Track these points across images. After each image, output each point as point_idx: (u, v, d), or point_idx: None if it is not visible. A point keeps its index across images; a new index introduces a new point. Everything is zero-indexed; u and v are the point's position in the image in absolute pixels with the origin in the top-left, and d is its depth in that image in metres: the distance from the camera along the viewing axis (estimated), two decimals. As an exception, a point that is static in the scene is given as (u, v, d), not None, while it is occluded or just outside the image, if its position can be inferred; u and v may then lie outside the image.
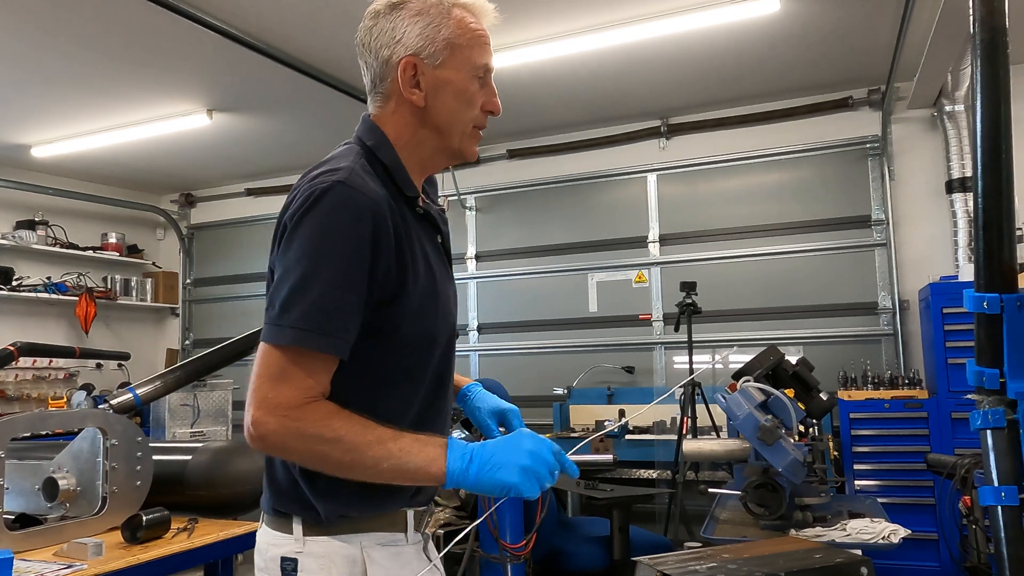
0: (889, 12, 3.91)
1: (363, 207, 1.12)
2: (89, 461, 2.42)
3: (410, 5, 1.24)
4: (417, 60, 1.22)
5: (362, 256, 1.11)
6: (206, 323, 7.22)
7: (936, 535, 4.03)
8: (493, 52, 1.33)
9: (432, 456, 1.09)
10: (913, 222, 4.89)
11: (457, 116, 1.26)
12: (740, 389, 2.97)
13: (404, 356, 1.22)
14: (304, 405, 1.09)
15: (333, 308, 1.10)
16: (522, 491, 1.08)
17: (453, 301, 1.34)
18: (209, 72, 4.53)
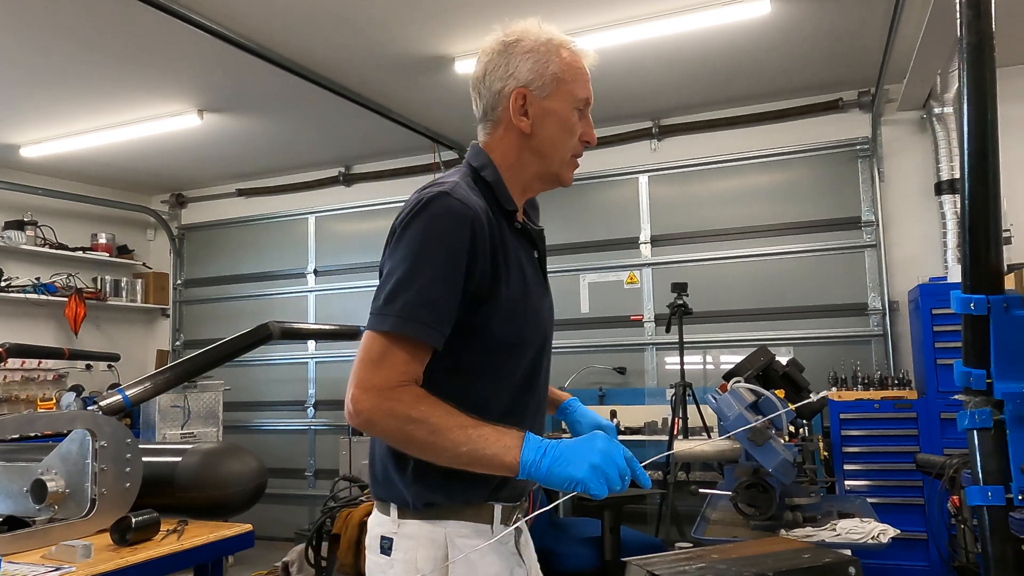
0: (879, 15, 3.93)
1: (463, 215, 1.26)
2: (78, 463, 2.41)
3: (522, 44, 1.40)
4: (527, 91, 1.38)
5: (459, 258, 1.24)
6: (197, 324, 7.19)
7: (925, 535, 4.05)
8: None
9: (508, 445, 1.18)
10: (903, 223, 4.92)
11: (559, 143, 1.41)
12: (731, 390, 2.98)
13: (495, 356, 1.33)
14: (397, 387, 1.21)
15: (430, 301, 1.23)
16: (589, 487, 1.14)
17: (548, 313, 1.46)
18: (199, 72, 4.51)
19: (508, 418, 1.30)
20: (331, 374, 6.52)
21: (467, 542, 1.32)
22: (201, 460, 2.75)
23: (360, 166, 6.56)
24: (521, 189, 1.44)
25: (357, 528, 3.25)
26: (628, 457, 1.18)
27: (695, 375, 5.23)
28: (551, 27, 1.44)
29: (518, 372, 1.37)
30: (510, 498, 1.38)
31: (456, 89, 4.81)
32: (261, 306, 6.83)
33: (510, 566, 1.37)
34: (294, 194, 6.80)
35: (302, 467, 6.51)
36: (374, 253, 6.41)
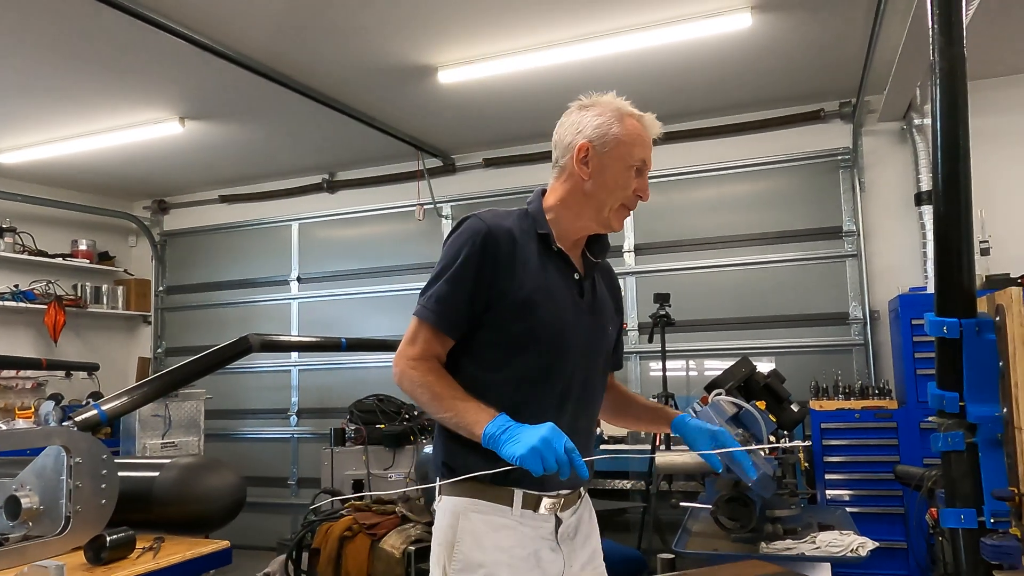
0: (859, 27, 3.97)
1: (478, 230, 1.58)
2: (52, 479, 2.38)
3: (595, 108, 1.66)
4: (590, 145, 1.63)
5: (470, 264, 1.56)
6: (179, 331, 7.13)
7: (905, 544, 4.08)
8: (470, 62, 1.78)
9: (481, 419, 1.47)
10: (883, 233, 4.96)
11: (610, 192, 1.64)
12: (712, 402, 2.98)
13: (508, 350, 1.58)
14: (419, 359, 1.57)
15: (442, 297, 1.57)
16: (526, 463, 1.36)
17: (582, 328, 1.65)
18: (180, 80, 4.48)
19: (524, 410, 1.52)
20: (314, 382, 6.49)
21: (479, 516, 1.55)
22: (179, 475, 2.72)
23: (344, 173, 6.54)
24: (576, 227, 1.69)
25: (337, 542, 3.23)
26: (569, 448, 1.39)
27: (678, 383, 5.24)
28: (625, 102, 1.68)
29: (532, 368, 1.58)
30: (533, 487, 1.56)
31: (440, 98, 4.81)
32: (244, 313, 6.78)
33: (534, 548, 1.57)
34: (277, 201, 6.76)
35: (285, 475, 6.46)
36: (358, 260, 6.40)
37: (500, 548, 1.55)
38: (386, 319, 6.16)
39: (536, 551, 1.58)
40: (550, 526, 1.60)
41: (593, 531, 1.75)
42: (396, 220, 6.33)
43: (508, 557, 1.55)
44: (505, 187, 5.79)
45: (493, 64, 4.25)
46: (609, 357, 1.79)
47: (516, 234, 1.61)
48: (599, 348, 1.72)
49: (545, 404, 1.59)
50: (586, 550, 1.70)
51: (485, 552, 1.54)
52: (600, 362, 1.73)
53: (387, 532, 3.31)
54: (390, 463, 4.76)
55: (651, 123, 1.68)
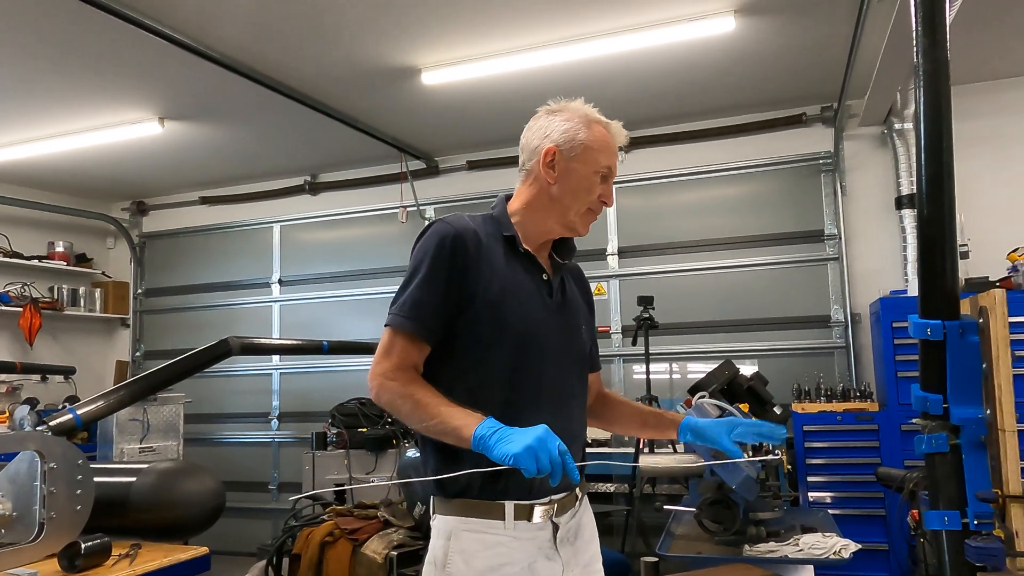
0: (841, 32, 3.99)
1: (446, 234, 1.57)
2: (26, 485, 2.33)
3: (562, 114, 1.68)
4: (557, 150, 1.65)
5: (440, 267, 1.55)
6: (158, 334, 7.04)
7: (886, 546, 4.10)
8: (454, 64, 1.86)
9: (468, 422, 1.43)
10: (864, 237, 5.00)
11: (576, 197, 1.66)
12: (695, 405, 2.98)
13: (485, 362, 1.57)
14: (396, 370, 1.54)
15: (415, 302, 1.55)
16: (520, 463, 1.33)
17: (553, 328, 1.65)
18: (160, 80, 4.43)
19: (501, 411, 1.49)
20: (296, 386, 6.43)
21: (471, 535, 1.54)
22: (156, 480, 2.67)
23: (326, 175, 6.50)
24: (542, 230, 1.69)
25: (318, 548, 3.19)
26: (563, 451, 1.37)
27: (662, 386, 5.25)
28: (593, 108, 1.70)
29: (504, 368, 1.57)
30: (522, 496, 1.55)
31: (423, 100, 4.79)
32: (224, 316, 6.71)
33: (528, 561, 1.55)
34: (259, 202, 6.70)
35: (265, 480, 6.40)
36: (340, 263, 6.36)
37: (491, 568, 1.53)
38: (369, 322, 6.12)
39: (531, 563, 1.56)
40: (547, 534, 1.59)
41: (595, 535, 1.75)
42: (379, 222, 6.30)
43: (500, 575, 1.53)
44: (489, 189, 5.77)
45: (477, 66, 4.23)
46: (585, 358, 1.78)
47: (482, 236, 1.62)
48: (572, 348, 1.71)
49: (521, 405, 1.58)
50: (587, 553, 1.69)
51: (476, 573, 1.53)
52: (575, 362, 1.72)
53: (369, 537, 3.28)
54: (372, 467, 4.72)
55: (617, 131, 1.70)
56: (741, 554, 2.68)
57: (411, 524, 3.31)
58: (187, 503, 2.67)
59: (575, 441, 1.72)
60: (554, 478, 1.36)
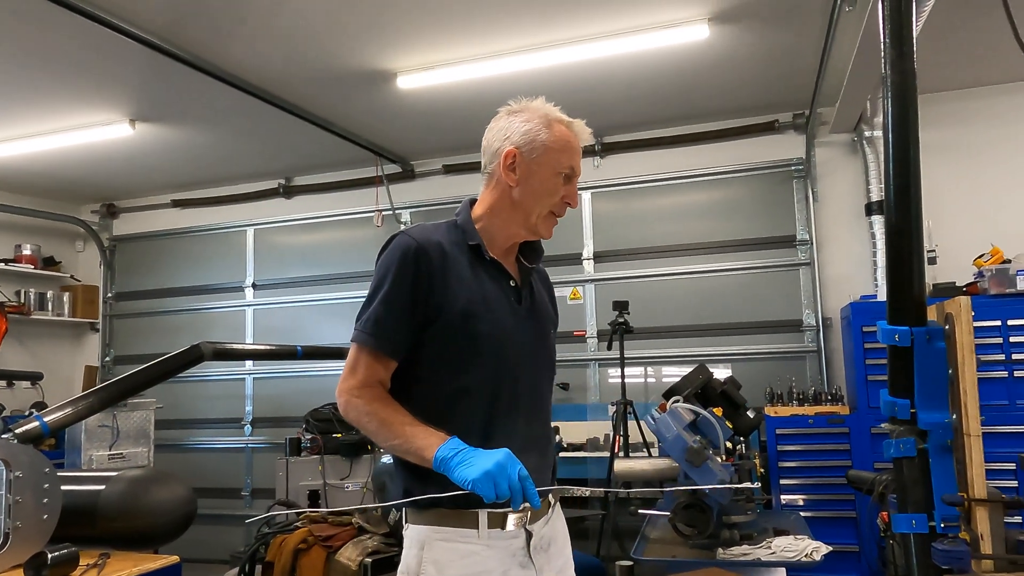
0: (812, 42, 4.05)
1: (408, 247, 1.55)
2: (-9, 495, 2.28)
3: (523, 114, 1.64)
4: (518, 152, 1.61)
5: (403, 282, 1.54)
6: (128, 339, 6.93)
7: (857, 548, 4.15)
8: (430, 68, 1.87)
9: (431, 443, 1.42)
10: (835, 242, 5.07)
11: (538, 199, 1.63)
12: (670, 410, 3.01)
13: (459, 374, 1.55)
14: (362, 387, 1.53)
15: (379, 318, 1.54)
16: (478, 488, 1.33)
17: (523, 336, 1.63)
18: (130, 82, 4.37)
19: (491, 437, 1.51)
20: (270, 391, 6.37)
21: (444, 544, 1.52)
22: (126, 488, 2.63)
23: (301, 178, 6.45)
24: (506, 234, 1.67)
25: (292, 555, 3.16)
26: (523, 476, 1.36)
27: (637, 390, 5.27)
28: (554, 107, 1.67)
29: (477, 379, 1.55)
30: (496, 504, 1.47)
31: (399, 104, 4.77)
32: (196, 320, 6.63)
33: (502, 570, 1.53)
34: (232, 206, 6.63)
35: (238, 487, 6.32)
36: (315, 266, 6.31)
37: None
38: (344, 327, 6.05)
39: (505, 572, 1.54)
40: (520, 542, 1.57)
41: (567, 541, 1.74)
42: (354, 226, 6.26)
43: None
44: (465, 194, 5.64)
45: (452, 70, 4.23)
46: (554, 362, 1.77)
47: (446, 247, 1.59)
48: (542, 353, 1.70)
49: (495, 414, 1.57)
50: (560, 559, 1.68)
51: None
52: (546, 366, 1.72)
53: (343, 544, 3.25)
54: (347, 473, 4.69)
55: (580, 129, 1.67)
56: (715, 557, 2.71)
57: (386, 531, 3.29)
58: (158, 511, 2.63)
59: (548, 444, 1.73)
60: (514, 503, 1.35)
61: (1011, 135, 4.71)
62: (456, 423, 1.50)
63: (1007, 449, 3.62)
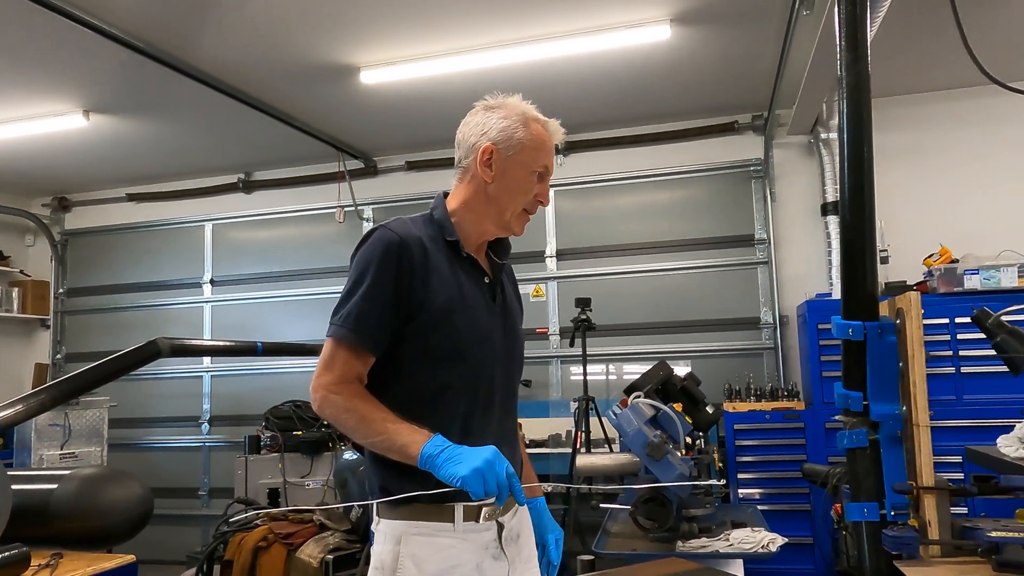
0: (771, 44, 4.13)
1: (390, 242, 1.53)
2: (-63, 495, 2.21)
3: (500, 111, 1.64)
4: (494, 148, 1.61)
5: (386, 277, 1.51)
6: (81, 336, 6.76)
7: (811, 540, 4.25)
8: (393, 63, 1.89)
9: (415, 440, 1.42)
10: (792, 242, 5.18)
11: (513, 196, 1.63)
12: (631, 405, 3.04)
13: (439, 370, 1.54)
14: (340, 383, 1.50)
15: (360, 313, 1.51)
16: (468, 485, 1.33)
17: (498, 333, 1.64)
18: (85, 71, 4.25)
19: (470, 433, 1.52)
20: (228, 389, 6.27)
21: (421, 539, 1.52)
22: (79, 487, 2.57)
23: (261, 173, 6.36)
24: (479, 230, 1.67)
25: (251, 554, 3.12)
26: (510, 474, 1.37)
27: (598, 387, 5.32)
28: (530, 105, 1.68)
29: (457, 377, 1.55)
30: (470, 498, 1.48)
31: (361, 99, 4.74)
32: (152, 317, 6.49)
33: (476, 562, 1.54)
34: (190, 200, 6.51)
35: (195, 486, 6.21)
36: (275, 263, 6.23)
37: (442, 571, 1.52)
38: (304, 324, 6.02)
39: (479, 564, 1.56)
40: (492, 534, 1.59)
41: (532, 533, 1.76)
42: (315, 222, 6.20)
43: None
44: (428, 190, 5.75)
45: (415, 66, 4.22)
46: (522, 358, 1.79)
47: (426, 242, 1.59)
48: (514, 350, 1.72)
49: (473, 411, 1.58)
50: (527, 549, 1.70)
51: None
52: (517, 362, 1.74)
53: (304, 541, 3.23)
54: (307, 471, 4.64)
55: (555, 129, 1.68)
56: (674, 550, 2.75)
57: (347, 527, 3.27)
58: (112, 510, 2.58)
59: (516, 438, 1.75)
60: (500, 500, 1.37)
61: (961, 139, 4.86)
62: (436, 419, 1.50)
63: (954, 443, 3.74)
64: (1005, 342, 1.69)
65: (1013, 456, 1.74)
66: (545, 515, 1.80)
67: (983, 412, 4.00)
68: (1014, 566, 1.41)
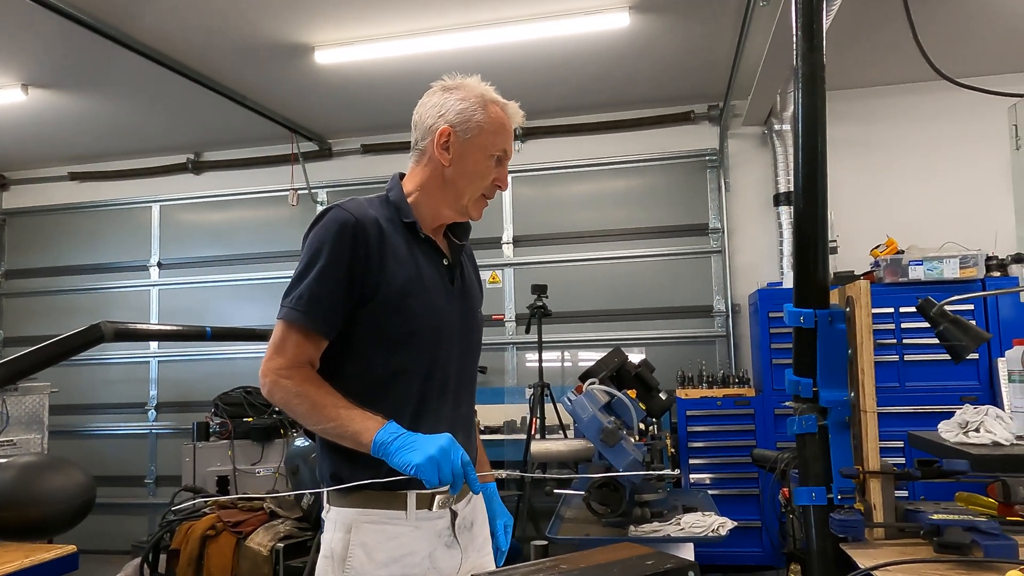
0: (727, 35, 4.17)
1: (346, 222, 1.48)
2: None
3: (458, 92, 1.59)
4: (452, 131, 1.56)
5: (340, 258, 1.47)
6: (20, 320, 6.51)
7: (759, 523, 4.35)
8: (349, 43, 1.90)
9: (368, 427, 1.39)
10: (745, 231, 5.26)
11: (471, 180, 1.58)
12: (586, 392, 3.06)
13: (393, 354, 1.50)
14: (291, 368, 1.45)
15: (313, 295, 1.46)
16: (422, 473, 1.31)
17: (456, 316, 1.60)
18: (23, 43, 4.08)
19: (421, 417, 1.50)
20: (175, 375, 6.12)
21: (372, 527, 1.49)
22: (17, 476, 2.49)
23: (211, 153, 6.19)
24: (434, 212, 1.62)
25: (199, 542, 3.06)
26: (465, 462, 1.35)
27: (553, 373, 5.34)
28: (489, 87, 1.63)
29: (413, 360, 1.52)
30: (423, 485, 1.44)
31: (316, 79, 4.64)
32: (96, 301, 6.29)
33: (429, 550, 1.52)
34: (136, 180, 6.31)
35: (141, 474, 6.06)
36: (226, 246, 6.09)
37: (393, 559, 1.49)
38: (256, 308, 5.90)
39: (431, 552, 1.53)
40: (445, 522, 1.56)
41: (486, 521, 1.74)
42: (268, 205, 6.07)
43: (401, 567, 1.50)
44: (383, 174, 5.61)
45: (372, 47, 4.15)
46: (480, 341, 1.76)
47: (382, 223, 1.54)
48: (472, 333, 1.68)
49: (427, 396, 1.55)
50: (480, 537, 1.68)
51: (377, 566, 1.48)
52: (474, 347, 1.70)
53: (254, 529, 3.17)
54: (258, 458, 4.56)
55: (514, 112, 1.63)
56: (627, 535, 2.78)
57: (299, 515, 3.23)
58: (52, 499, 2.50)
59: (472, 423, 1.72)
60: (454, 489, 1.35)
61: (908, 132, 4.99)
62: (388, 404, 1.47)
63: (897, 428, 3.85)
64: (947, 331, 1.74)
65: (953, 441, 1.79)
66: (495, 501, 1.77)
67: (925, 399, 4.13)
68: (954, 547, 1.45)
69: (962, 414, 1.85)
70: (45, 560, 2.23)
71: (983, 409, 1.85)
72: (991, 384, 4.12)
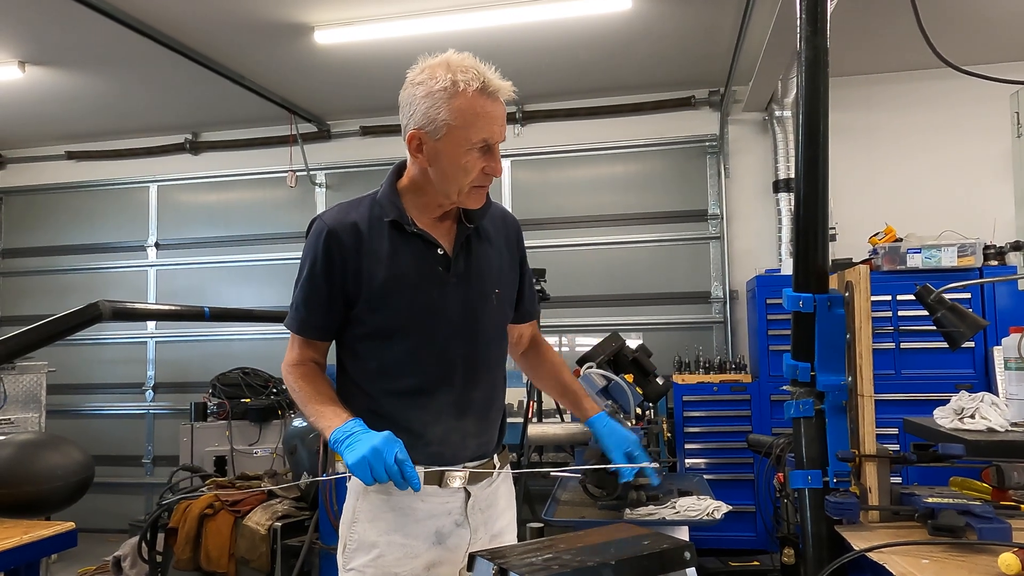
0: (730, 20, 4.15)
1: (321, 232, 1.56)
2: None
3: (423, 87, 1.50)
4: (421, 134, 1.51)
5: (318, 268, 1.56)
6: (17, 299, 6.51)
7: (754, 508, 4.38)
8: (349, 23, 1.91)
9: (331, 424, 1.48)
10: (744, 217, 5.25)
11: (451, 179, 1.53)
12: (583, 375, 3.06)
13: (383, 349, 1.57)
14: (294, 365, 1.63)
15: (299, 303, 1.62)
16: (355, 472, 1.38)
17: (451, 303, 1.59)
18: (21, 20, 4.04)
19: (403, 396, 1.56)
20: (173, 355, 6.12)
21: (376, 496, 1.56)
22: (15, 453, 2.50)
23: (209, 134, 6.16)
24: (435, 204, 1.60)
25: (197, 521, 3.08)
26: (400, 460, 1.38)
27: (551, 358, 5.34)
28: (462, 67, 1.49)
29: (400, 354, 1.57)
30: (429, 462, 1.55)
31: (315, 60, 4.61)
32: (93, 281, 6.28)
33: (436, 526, 1.56)
34: (134, 160, 6.28)
35: (139, 454, 6.08)
36: (224, 227, 6.08)
37: (394, 528, 1.55)
38: (253, 289, 5.89)
39: (438, 529, 1.57)
40: (458, 500, 1.60)
41: (511, 506, 1.74)
42: (266, 186, 6.05)
43: (403, 536, 1.56)
44: (382, 156, 5.65)
45: (371, 27, 4.12)
46: (503, 322, 1.71)
47: (362, 227, 1.56)
48: (482, 318, 1.63)
49: (424, 387, 1.58)
50: (501, 522, 1.70)
51: (380, 533, 1.56)
52: (487, 329, 1.64)
53: (251, 509, 3.19)
54: (256, 438, 4.58)
55: (495, 89, 1.49)
56: (623, 517, 2.79)
57: (296, 495, 3.25)
58: (50, 477, 2.52)
59: (491, 407, 1.68)
60: (398, 486, 1.39)
61: (909, 120, 4.98)
62: (384, 397, 1.57)
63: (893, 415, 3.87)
64: (945, 317, 1.74)
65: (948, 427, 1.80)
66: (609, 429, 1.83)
67: (920, 387, 4.15)
68: (948, 530, 1.47)
69: (958, 400, 1.86)
70: (43, 537, 2.24)
71: (978, 396, 1.86)
72: (986, 372, 4.14)
